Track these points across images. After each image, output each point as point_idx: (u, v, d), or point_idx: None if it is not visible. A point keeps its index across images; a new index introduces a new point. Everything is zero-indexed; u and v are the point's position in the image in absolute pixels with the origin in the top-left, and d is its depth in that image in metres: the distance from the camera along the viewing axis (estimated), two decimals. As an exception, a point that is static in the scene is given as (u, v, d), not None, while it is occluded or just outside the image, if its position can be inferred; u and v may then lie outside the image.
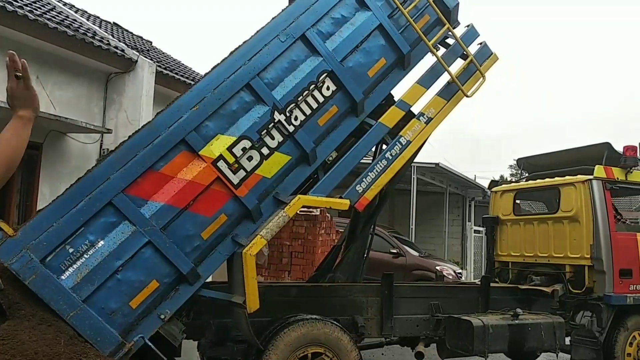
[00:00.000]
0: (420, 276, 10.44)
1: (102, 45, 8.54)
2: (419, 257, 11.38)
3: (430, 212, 18.79)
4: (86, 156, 8.76)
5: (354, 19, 4.45)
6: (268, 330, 4.35)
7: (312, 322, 4.38)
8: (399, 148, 4.59)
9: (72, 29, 8.12)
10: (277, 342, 4.20)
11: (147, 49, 11.53)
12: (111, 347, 3.44)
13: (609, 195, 5.93)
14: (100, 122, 9.06)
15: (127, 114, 9.17)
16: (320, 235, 9.23)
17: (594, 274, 5.83)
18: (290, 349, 4.22)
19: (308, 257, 9.06)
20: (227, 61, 4.07)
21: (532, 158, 7.28)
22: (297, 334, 4.27)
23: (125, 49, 9.18)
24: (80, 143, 8.73)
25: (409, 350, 5.57)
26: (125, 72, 9.17)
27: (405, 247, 11.33)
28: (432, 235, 18.87)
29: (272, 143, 4.12)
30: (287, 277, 9.00)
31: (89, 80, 8.89)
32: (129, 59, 9.05)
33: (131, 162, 3.65)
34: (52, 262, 3.37)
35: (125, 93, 9.19)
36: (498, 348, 5.29)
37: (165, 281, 3.73)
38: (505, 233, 6.93)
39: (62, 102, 8.30)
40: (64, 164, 8.44)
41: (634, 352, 5.81)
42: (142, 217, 3.63)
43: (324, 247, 9.00)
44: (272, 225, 3.98)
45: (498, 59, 5.07)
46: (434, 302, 5.41)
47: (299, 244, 9.18)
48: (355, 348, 4.51)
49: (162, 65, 10.46)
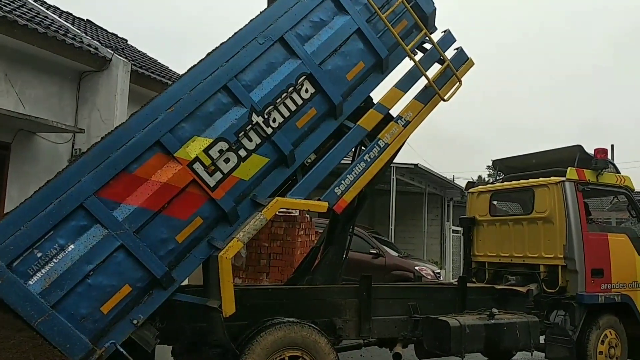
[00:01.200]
0: (400, 276, 10.49)
1: (75, 43, 8.33)
2: (399, 257, 11.46)
3: (410, 213, 18.97)
4: (57, 156, 8.53)
5: (332, 22, 4.47)
6: (244, 334, 4.30)
7: (289, 325, 4.35)
8: (377, 151, 4.62)
9: (43, 26, 7.90)
10: (253, 346, 4.15)
11: (122, 47, 11.29)
12: (81, 353, 3.38)
13: (581, 197, 6.04)
14: (73, 121, 8.83)
15: (100, 113, 8.96)
16: (299, 237, 9.19)
17: (567, 274, 5.93)
18: (266, 353, 4.18)
19: (287, 259, 9.00)
20: (204, 62, 4.03)
21: (508, 160, 7.38)
22: (273, 337, 4.23)
23: (99, 47, 8.97)
24: (51, 143, 8.50)
25: (387, 351, 5.59)
26: (98, 70, 8.95)
27: (385, 248, 11.39)
28: (412, 235, 19.08)
29: (250, 145, 4.09)
30: (265, 279, 8.94)
31: (60, 78, 8.65)
32: (102, 57, 8.85)
33: (104, 164, 3.58)
34: (19, 266, 3.30)
35: (99, 92, 8.97)
36: (475, 348, 5.33)
37: (138, 285, 3.67)
38: (482, 233, 7.02)
39: (32, 100, 8.05)
40: (34, 165, 8.20)
41: (606, 349, 5.94)
42: (114, 220, 3.56)
43: (303, 248, 8.96)
44: (249, 228, 3.95)
45: (474, 64, 5.16)
46: (412, 303, 5.42)
47: (278, 245, 9.12)
48: (332, 350, 4.50)
49: (138, 64, 10.27)
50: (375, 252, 10.96)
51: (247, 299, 4.56)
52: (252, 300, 4.70)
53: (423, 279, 10.55)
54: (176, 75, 12.08)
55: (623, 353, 6.11)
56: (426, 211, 18.38)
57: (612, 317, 6.06)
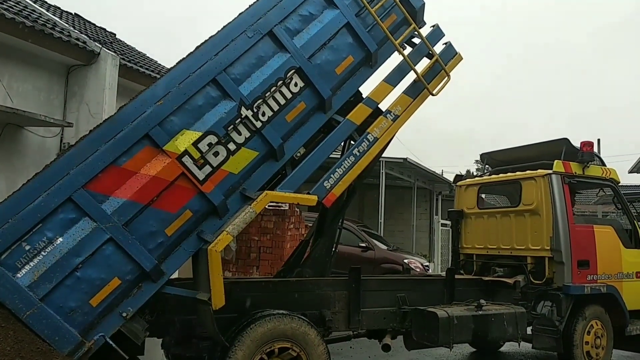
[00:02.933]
0: (389, 269, 10.58)
1: (63, 37, 8.26)
2: (388, 250, 11.53)
3: (399, 206, 19.09)
4: (45, 150, 8.48)
5: (321, 16, 4.47)
6: (234, 326, 4.32)
7: (279, 317, 4.38)
8: (366, 145, 4.64)
9: (30, 20, 7.84)
10: (243, 338, 4.18)
11: (110, 41, 11.20)
12: (70, 346, 3.38)
13: (567, 189, 6.09)
14: (61, 115, 8.78)
15: (89, 107, 8.91)
16: (289, 230, 9.21)
17: (554, 265, 6.00)
18: (256, 345, 4.20)
19: (276, 252, 9.02)
20: (193, 56, 4.02)
21: (495, 153, 7.43)
22: (263, 329, 4.26)
23: (87, 40, 8.91)
24: (39, 137, 8.44)
25: (377, 342, 5.64)
26: (87, 64, 8.90)
27: (374, 241, 11.46)
28: (401, 228, 19.19)
29: (239, 138, 4.10)
30: (255, 272, 8.96)
31: (48, 72, 8.59)
32: (91, 51, 8.79)
33: (92, 157, 3.57)
34: (7, 259, 3.29)
35: (87, 86, 8.92)
36: (463, 339, 5.39)
37: (128, 278, 3.67)
38: (470, 226, 7.08)
39: (20, 94, 8.00)
40: (22, 159, 8.16)
41: (592, 340, 6.03)
42: (103, 213, 3.56)
43: (292, 242, 8.98)
44: (239, 221, 3.96)
45: (462, 58, 5.19)
46: (401, 294, 5.47)
47: (268, 239, 9.14)
48: (322, 342, 4.53)
49: (126, 57, 10.20)
50: (365, 245, 11.03)
51: (236, 292, 4.57)
52: (241, 293, 4.71)
53: (412, 272, 10.64)
54: (165, 69, 12.05)
55: (609, 343, 6.20)
56: (415, 205, 18.50)
57: (598, 308, 6.14)
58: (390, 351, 5.43)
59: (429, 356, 6.96)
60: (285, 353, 4.36)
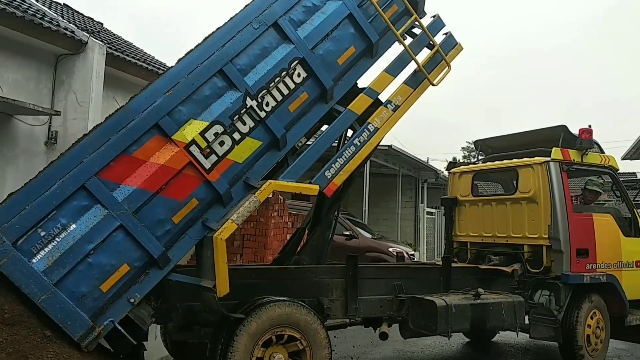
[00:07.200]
0: (374, 258, 10.49)
1: (52, 27, 8.17)
2: (372, 239, 11.52)
3: (383, 194, 18.94)
4: (34, 139, 8.42)
5: (325, 7, 4.52)
6: (237, 311, 4.33)
7: (286, 303, 4.37)
8: (367, 134, 4.71)
9: (21, 10, 7.75)
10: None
11: (97, 30, 11.09)
12: (81, 330, 3.44)
13: (565, 177, 5.96)
14: (49, 104, 8.68)
15: (76, 96, 8.84)
16: (272, 218, 9.07)
17: (552, 254, 5.88)
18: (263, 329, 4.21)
19: (260, 240, 8.83)
20: (201, 47, 4.07)
21: (490, 140, 7.26)
22: (271, 314, 4.26)
23: (75, 30, 8.81)
24: (28, 125, 8.35)
25: (362, 332, 5.53)
26: (75, 53, 8.81)
27: (358, 229, 11.42)
28: (385, 217, 19.11)
29: (244, 128, 4.15)
30: (239, 260, 8.85)
31: (37, 61, 8.50)
32: (79, 41, 8.71)
33: (104, 145, 3.62)
34: (23, 245, 3.33)
35: (75, 75, 8.84)
36: (461, 327, 5.32)
37: (136, 265, 3.73)
38: (464, 214, 6.94)
39: (9, 83, 7.91)
40: (11, 147, 8.10)
41: (591, 329, 5.89)
42: (114, 200, 3.61)
43: (276, 230, 8.88)
44: (243, 209, 4.02)
45: (463, 48, 5.24)
46: (397, 282, 5.47)
47: (251, 227, 8.97)
48: (323, 329, 4.52)
49: (113, 47, 10.09)
50: (349, 233, 10.99)
51: (236, 279, 4.60)
52: (242, 279, 4.74)
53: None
54: (151, 58, 11.97)
55: (607, 332, 6.11)
56: (400, 193, 18.42)
57: (597, 297, 6.02)
58: (387, 339, 5.37)
59: (415, 346, 6.89)
60: (292, 344, 4.36)
